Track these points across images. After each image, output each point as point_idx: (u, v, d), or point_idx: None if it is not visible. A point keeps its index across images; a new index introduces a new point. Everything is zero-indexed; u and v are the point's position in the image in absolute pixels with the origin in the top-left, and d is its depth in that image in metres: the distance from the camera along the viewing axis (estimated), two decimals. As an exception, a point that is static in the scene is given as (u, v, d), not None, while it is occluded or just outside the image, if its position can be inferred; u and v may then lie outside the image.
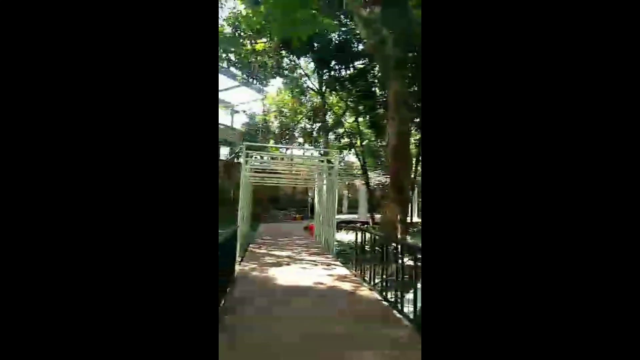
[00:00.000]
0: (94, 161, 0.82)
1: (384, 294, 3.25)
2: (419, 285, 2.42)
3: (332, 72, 13.69)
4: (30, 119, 0.79)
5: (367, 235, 4.39)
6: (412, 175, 11.21)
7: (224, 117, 16.57)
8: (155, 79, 0.86)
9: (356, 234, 4.97)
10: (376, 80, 13.32)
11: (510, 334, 0.78)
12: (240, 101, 17.90)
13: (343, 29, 11.97)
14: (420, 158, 11.88)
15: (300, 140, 16.58)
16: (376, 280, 3.63)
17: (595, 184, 0.77)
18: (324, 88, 14.15)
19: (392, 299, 3.03)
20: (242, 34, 11.17)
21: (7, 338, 0.75)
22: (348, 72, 13.54)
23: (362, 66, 13.12)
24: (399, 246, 3.33)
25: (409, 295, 2.74)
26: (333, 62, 13.18)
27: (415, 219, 14.33)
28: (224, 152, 16.25)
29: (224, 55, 11.45)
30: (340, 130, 15.64)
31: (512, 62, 0.82)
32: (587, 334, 0.74)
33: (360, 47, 12.57)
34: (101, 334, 0.79)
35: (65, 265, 0.79)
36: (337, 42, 12.45)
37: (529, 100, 0.81)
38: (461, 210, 0.83)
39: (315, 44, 12.47)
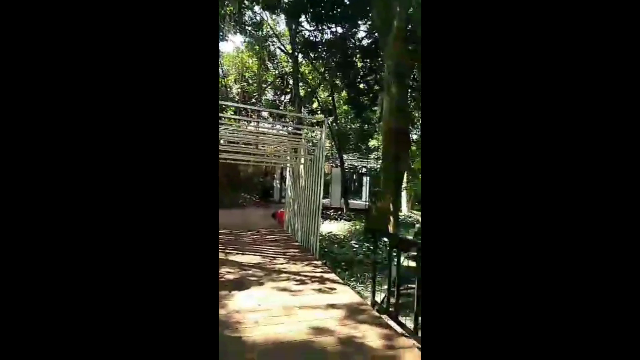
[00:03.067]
0: (94, 161, 0.81)
1: None
2: None
3: (307, 34, 11.65)
4: (30, 119, 0.78)
5: (354, 226, 3.09)
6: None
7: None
8: (154, 78, 0.84)
9: (375, 235, 3.41)
10: (357, 50, 11.57)
11: (512, 334, 0.77)
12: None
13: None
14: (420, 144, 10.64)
15: (265, 114, 14.34)
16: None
17: (594, 180, 0.77)
18: (296, 53, 12.02)
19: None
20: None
21: (7, 338, 0.74)
22: (325, 36, 11.59)
23: (342, 31, 11.25)
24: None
25: None
26: (308, 22, 11.13)
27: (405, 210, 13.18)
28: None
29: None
30: (314, 105, 13.74)
31: (513, 61, 0.82)
32: (587, 332, 0.74)
33: (339, 9, 10.69)
34: (101, 334, 0.78)
35: (63, 267, 0.78)
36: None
37: (529, 100, 0.81)
38: (461, 209, 0.84)
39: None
